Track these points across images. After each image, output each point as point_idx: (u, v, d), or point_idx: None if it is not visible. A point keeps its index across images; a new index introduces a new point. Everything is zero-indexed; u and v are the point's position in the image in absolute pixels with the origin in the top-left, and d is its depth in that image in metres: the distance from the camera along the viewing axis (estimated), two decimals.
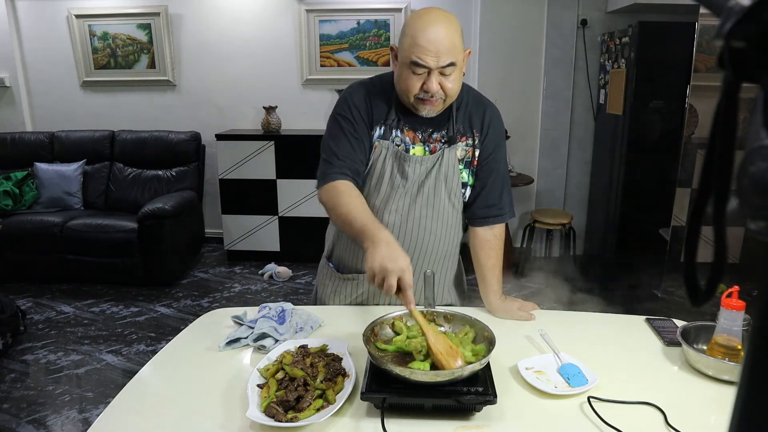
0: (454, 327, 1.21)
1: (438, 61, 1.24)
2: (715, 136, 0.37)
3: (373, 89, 1.42)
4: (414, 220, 1.41)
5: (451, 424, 0.99)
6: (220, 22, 4.38)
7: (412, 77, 1.27)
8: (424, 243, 1.44)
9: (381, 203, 1.41)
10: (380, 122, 1.40)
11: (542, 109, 4.20)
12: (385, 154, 1.39)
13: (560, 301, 3.74)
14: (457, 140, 1.41)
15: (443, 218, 1.43)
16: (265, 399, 1.02)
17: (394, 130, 1.40)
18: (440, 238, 1.45)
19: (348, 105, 1.41)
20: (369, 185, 1.41)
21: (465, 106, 1.42)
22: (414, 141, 1.40)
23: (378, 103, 1.40)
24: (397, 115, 1.39)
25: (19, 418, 2.38)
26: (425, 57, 1.23)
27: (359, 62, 4.37)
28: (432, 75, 1.26)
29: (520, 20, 4.10)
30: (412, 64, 1.25)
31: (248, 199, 4.22)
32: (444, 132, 1.40)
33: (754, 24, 0.32)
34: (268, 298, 3.66)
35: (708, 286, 0.40)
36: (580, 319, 1.49)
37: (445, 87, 1.28)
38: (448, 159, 1.39)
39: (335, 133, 1.40)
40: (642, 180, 3.66)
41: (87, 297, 3.69)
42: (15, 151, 4.29)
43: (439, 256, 1.48)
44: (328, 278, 1.56)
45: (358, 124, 1.38)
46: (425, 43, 1.22)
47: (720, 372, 1.13)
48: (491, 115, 1.44)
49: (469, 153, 1.43)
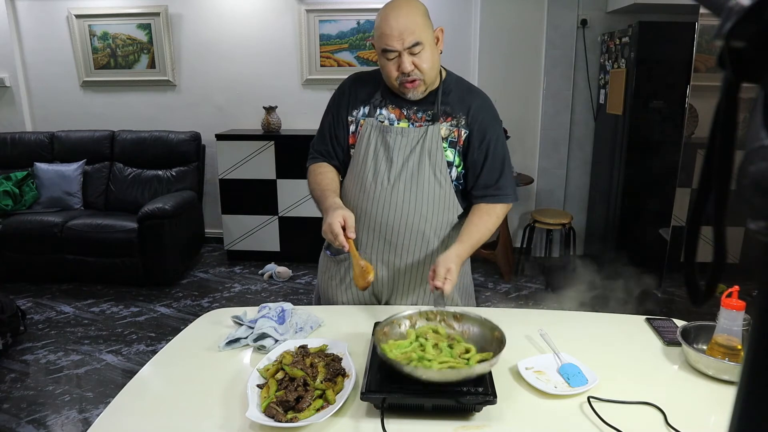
0: (463, 327, 1.21)
1: (403, 43, 1.33)
2: (715, 136, 0.37)
3: (363, 75, 1.55)
4: (399, 193, 1.44)
5: (451, 424, 0.99)
6: (220, 22, 4.38)
7: (388, 63, 1.37)
8: (410, 219, 1.46)
9: (368, 177, 1.46)
10: (365, 102, 1.49)
11: (542, 109, 4.20)
12: (370, 130, 1.47)
13: (560, 301, 3.74)
14: (441, 119, 1.45)
15: (429, 195, 1.45)
16: (264, 399, 1.02)
17: (379, 108, 1.48)
18: (426, 216, 1.46)
19: (334, 95, 1.56)
20: (357, 161, 1.48)
21: (452, 92, 1.47)
22: (399, 118, 1.47)
23: (364, 85, 1.51)
24: (383, 96, 1.48)
25: (19, 418, 2.38)
26: (391, 42, 1.33)
27: (359, 62, 4.36)
28: (403, 56, 1.34)
29: (520, 20, 4.10)
30: (383, 52, 1.36)
31: (248, 199, 4.22)
32: (430, 112, 1.46)
33: (754, 24, 0.32)
34: (268, 298, 3.66)
35: (708, 286, 0.40)
36: (580, 319, 1.49)
37: (419, 66, 1.36)
38: (432, 135, 1.44)
39: (320, 125, 1.57)
40: (642, 180, 3.66)
41: (87, 297, 3.69)
42: (15, 151, 4.29)
43: (428, 238, 1.48)
44: (324, 265, 1.62)
45: (335, 109, 1.52)
46: (389, 30, 1.33)
47: (720, 372, 1.13)
48: (481, 103, 1.48)
49: (455, 133, 1.45)
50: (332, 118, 1.52)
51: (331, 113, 1.53)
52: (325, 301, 1.60)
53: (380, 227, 1.47)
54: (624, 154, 3.65)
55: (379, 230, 1.47)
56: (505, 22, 4.10)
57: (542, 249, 4.33)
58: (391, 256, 1.50)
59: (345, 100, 1.51)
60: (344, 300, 1.56)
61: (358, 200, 1.47)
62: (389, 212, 1.45)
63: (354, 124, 1.50)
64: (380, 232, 1.47)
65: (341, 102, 1.52)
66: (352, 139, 1.50)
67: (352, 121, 1.50)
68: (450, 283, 1.28)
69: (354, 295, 1.55)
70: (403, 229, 1.46)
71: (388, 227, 1.46)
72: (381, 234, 1.47)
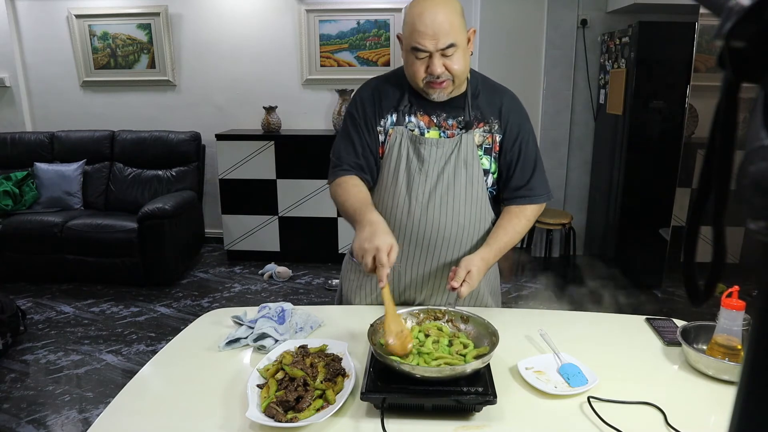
0: (468, 328, 1.21)
1: (437, 44, 1.25)
2: (715, 136, 0.37)
3: (384, 81, 1.45)
4: (435, 208, 1.39)
5: (451, 424, 0.99)
6: (220, 22, 4.38)
7: (416, 62, 1.30)
8: (447, 231, 1.41)
9: (401, 191, 1.39)
10: (392, 109, 1.41)
11: (542, 109, 4.20)
12: (400, 140, 1.39)
13: (560, 301, 3.74)
14: (474, 125, 1.39)
15: (465, 205, 1.40)
16: (264, 399, 1.02)
17: (407, 115, 1.40)
18: (463, 226, 1.42)
19: (355, 102, 1.45)
20: (387, 172, 1.41)
21: (481, 94, 1.42)
22: (429, 125, 1.40)
23: (389, 91, 1.42)
24: (410, 101, 1.40)
25: (19, 418, 2.38)
26: (424, 41, 1.25)
27: (359, 62, 4.36)
28: (434, 58, 1.27)
29: (520, 20, 4.10)
30: (413, 50, 1.28)
31: (248, 199, 4.22)
32: (461, 118, 1.40)
33: (754, 24, 0.32)
34: (268, 298, 3.66)
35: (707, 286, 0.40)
36: (580, 319, 1.49)
37: (450, 68, 1.29)
38: (466, 144, 1.37)
39: (342, 133, 1.45)
40: (642, 180, 3.66)
41: (87, 297, 3.69)
42: (15, 151, 4.29)
43: (464, 245, 1.44)
44: (352, 273, 1.56)
45: (362, 118, 1.42)
46: (423, 27, 1.24)
47: (720, 372, 1.13)
48: (510, 101, 1.43)
49: (488, 139, 1.41)
50: (362, 129, 1.41)
51: (358, 124, 1.42)
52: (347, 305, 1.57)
53: (416, 240, 1.42)
54: (624, 154, 3.65)
55: (415, 243, 1.42)
56: (505, 22, 4.10)
57: (542, 249, 4.33)
58: (425, 263, 1.45)
59: (372, 108, 1.42)
60: (368, 305, 1.53)
61: (391, 214, 1.41)
62: (425, 226, 1.40)
63: (383, 134, 1.41)
64: (415, 245, 1.42)
65: (368, 111, 1.42)
66: (381, 150, 1.42)
67: (381, 131, 1.42)
68: (467, 286, 1.25)
69: (378, 302, 1.51)
70: (440, 240, 1.42)
71: (424, 240, 1.41)
72: (417, 246, 1.43)
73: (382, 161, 1.42)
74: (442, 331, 1.19)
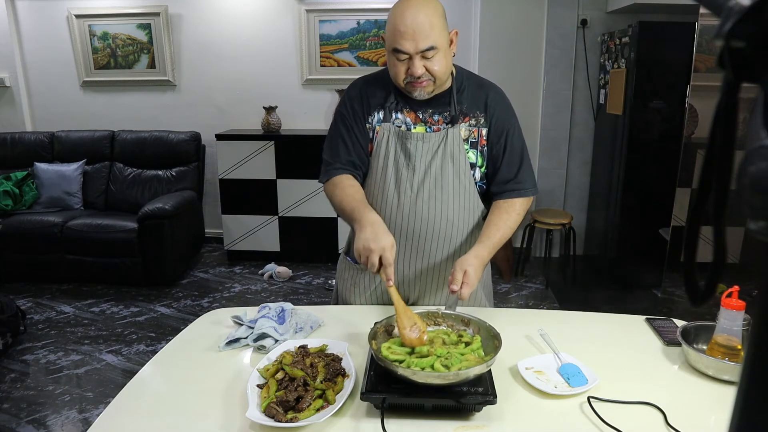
0: (473, 331, 1.21)
1: (417, 46, 1.26)
2: (715, 136, 0.37)
3: (372, 79, 1.48)
4: (423, 202, 1.40)
5: (451, 424, 0.99)
6: (220, 22, 4.38)
7: (397, 64, 1.31)
8: (437, 225, 1.42)
9: (390, 186, 1.41)
10: (379, 107, 1.44)
11: (542, 109, 4.20)
12: (387, 136, 1.41)
13: (560, 301, 3.74)
14: (460, 120, 1.41)
15: (454, 199, 1.42)
16: (264, 399, 1.02)
17: (394, 112, 1.43)
18: (452, 220, 1.43)
19: (344, 100, 1.49)
20: (376, 169, 1.43)
21: (466, 89, 1.43)
22: (415, 122, 1.42)
23: (375, 89, 1.45)
24: (396, 98, 1.43)
25: (19, 418, 2.38)
26: (404, 43, 1.27)
27: (359, 62, 4.37)
28: (414, 60, 1.28)
29: (520, 20, 4.10)
30: (394, 51, 1.30)
31: (248, 199, 4.22)
32: (446, 113, 1.41)
33: (754, 24, 0.32)
34: (268, 298, 3.66)
35: (707, 286, 0.40)
36: (580, 319, 1.49)
37: (431, 69, 1.30)
38: (452, 138, 1.39)
39: (332, 132, 1.48)
40: (642, 180, 3.66)
41: (87, 297, 3.69)
42: (15, 151, 4.29)
43: (454, 240, 1.45)
44: (346, 272, 1.57)
45: (352, 116, 1.45)
46: (403, 29, 1.26)
47: (720, 372, 1.13)
48: (495, 96, 1.44)
49: (474, 133, 1.42)
50: (352, 125, 1.44)
51: (349, 121, 1.45)
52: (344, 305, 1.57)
53: (405, 235, 1.43)
54: (624, 154, 3.65)
55: (405, 238, 1.43)
56: (505, 22, 4.10)
57: (542, 249, 4.33)
58: (416, 260, 1.46)
59: (360, 106, 1.44)
60: (363, 303, 1.54)
61: (381, 210, 1.42)
62: (415, 221, 1.41)
63: (371, 131, 1.44)
64: (405, 239, 1.44)
65: (357, 108, 1.45)
66: (370, 147, 1.45)
67: (369, 128, 1.44)
68: (467, 287, 1.25)
69: (373, 299, 1.53)
70: (429, 235, 1.43)
71: (414, 234, 1.43)
72: (407, 241, 1.44)
73: (371, 158, 1.44)
74: (448, 337, 1.18)
